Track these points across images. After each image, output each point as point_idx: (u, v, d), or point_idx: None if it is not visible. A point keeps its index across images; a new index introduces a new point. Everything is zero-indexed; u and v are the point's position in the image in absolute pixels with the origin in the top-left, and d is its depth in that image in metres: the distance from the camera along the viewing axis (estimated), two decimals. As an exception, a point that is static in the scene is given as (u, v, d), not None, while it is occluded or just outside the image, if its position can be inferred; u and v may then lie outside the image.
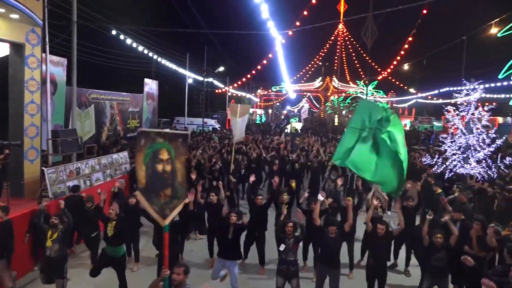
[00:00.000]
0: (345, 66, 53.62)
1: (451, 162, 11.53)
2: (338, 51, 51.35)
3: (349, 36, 51.85)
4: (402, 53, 35.27)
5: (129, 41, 18.39)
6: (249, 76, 39.61)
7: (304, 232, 6.23)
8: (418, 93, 44.46)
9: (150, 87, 24.95)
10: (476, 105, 11.53)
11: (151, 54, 22.69)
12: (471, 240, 6.01)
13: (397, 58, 36.40)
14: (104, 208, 6.92)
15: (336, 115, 45.30)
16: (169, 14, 36.09)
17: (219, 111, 45.02)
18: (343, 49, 52.01)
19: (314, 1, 31.79)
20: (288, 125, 27.21)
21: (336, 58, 51.13)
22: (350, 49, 51.80)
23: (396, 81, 46.95)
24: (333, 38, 52.40)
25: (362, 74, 47.70)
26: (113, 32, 17.15)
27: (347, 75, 54.08)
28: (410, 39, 33.80)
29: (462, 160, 11.35)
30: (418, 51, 34.47)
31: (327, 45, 52.78)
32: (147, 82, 24.60)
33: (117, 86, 21.55)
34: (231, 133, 12.41)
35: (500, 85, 26.16)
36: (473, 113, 11.44)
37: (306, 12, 33.16)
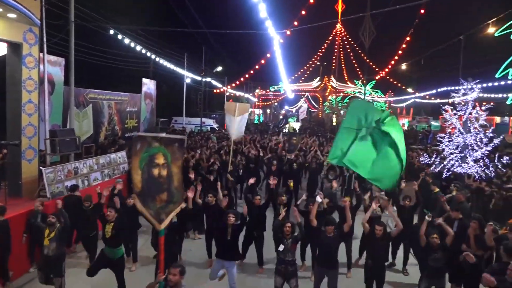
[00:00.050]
0: (343, 66, 53.62)
1: (449, 162, 11.57)
2: (336, 51, 51.29)
3: (347, 36, 51.87)
4: (400, 52, 35.29)
5: (127, 41, 18.34)
6: (247, 76, 39.54)
7: (303, 232, 6.23)
8: (416, 92, 44.44)
9: (148, 87, 24.92)
10: (473, 104, 11.57)
11: (149, 53, 22.61)
12: (469, 238, 6.03)
13: (395, 58, 36.41)
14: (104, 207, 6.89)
15: (334, 115, 45.34)
16: (167, 13, 36.08)
17: (217, 111, 44.92)
18: (341, 49, 51.97)
19: (312, 0, 31.74)
20: (286, 124, 27.22)
21: (334, 58, 51.06)
22: (348, 49, 51.80)
23: (394, 80, 46.97)
24: (331, 38, 52.38)
25: (360, 73, 47.74)
26: (111, 32, 17.09)
27: (345, 74, 54.09)
28: (408, 38, 33.83)
29: (459, 160, 11.39)
30: (415, 51, 34.51)
31: (325, 44, 52.79)
32: (145, 82, 24.57)
33: (115, 86, 21.47)
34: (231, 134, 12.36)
35: (497, 84, 26.22)
36: (471, 112, 11.48)
37: (304, 12, 33.11)
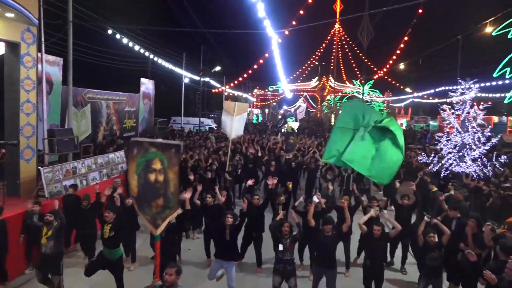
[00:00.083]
0: (342, 66, 53.65)
1: (447, 161, 11.60)
2: (334, 50, 51.33)
3: (345, 36, 51.89)
4: (398, 52, 35.30)
5: (125, 41, 18.32)
6: (245, 76, 39.53)
7: (302, 232, 6.24)
8: (414, 92, 44.55)
9: (146, 87, 24.90)
10: (471, 104, 11.61)
11: (147, 53, 22.59)
12: (467, 237, 6.05)
13: (393, 58, 36.40)
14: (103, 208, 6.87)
15: (332, 115, 45.35)
16: (166, 13, 36.03)
17: (216, 110, 44.84)
18: (339, 49, 52.01)
19: (310, 0, 31.76)
20: (285, 124, 27.21)
21: (333, 57, 51.09)
22: (346, 49, 51.79)
23: (392, 80, 47.02)
24: (329, 37, 52.41)
25: (358, 73, 47.79)
26: (109, 32, 17.08)
27: (344, 74, 54.14)
28: (406, 38, 33.86)
29: (457, 159, 11.42)
30: (414, 51, 34.54)
31: (323, 44, 52.79)
32: (143, 82, 24.55)
33: (113, 86, 21.40)
34: (226, 133, 12.33)
35: (495, 84, 26.31)
36: (469, 112, 11.51)
37: (302, 12, 33.12)
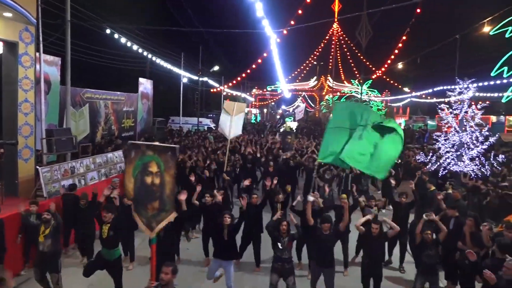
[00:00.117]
0: (340, 65, 53.75)
1: (445, 160, 11.63)
2: (332, 50, 51.43)
3: (344, 36, 51.99)
4: (396, 52, 35.35)
5: (123, 40, 18.29)
6: (244, 75, 39.53)
7: (300, 231, 6.23)
8: (413, 92, 44.64)
9: (144, 87, 24.86)
10: (469, 103, 11.64)
11: (145, 53, 22.57)
12: (465, 236, 6.07)
13: (391, 57, 36.48)
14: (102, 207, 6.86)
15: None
16: (164, 13, 36.00)
17: (214, 110, 44.84)
18: (337, 49, 52.11)
19: (308, 0, 31.80)
20: (284, 124, 27.26)
21: (331, 57, 51.16)
22: (345, 49, 51.91)
23: (390, 80, 47.10)
24: (327, 37, 52.52)
25: (357, 73, 47.87)
26: (107, 31, 17.05)
27: (342, 74, 54.26)
28: (404, 38, 33.90)
29: (455, 158, 11.45)
30: (412, 50, 34.53)
31: (322, 44, 52.88)
32: (141, 82, 24.49)
33: (111, 86, 21.39)
34: (224, 133, 12.28)
35: (493, 83, 26.39)
36: (467, 111, 11.55)
37: (300, 11, 33.11)
